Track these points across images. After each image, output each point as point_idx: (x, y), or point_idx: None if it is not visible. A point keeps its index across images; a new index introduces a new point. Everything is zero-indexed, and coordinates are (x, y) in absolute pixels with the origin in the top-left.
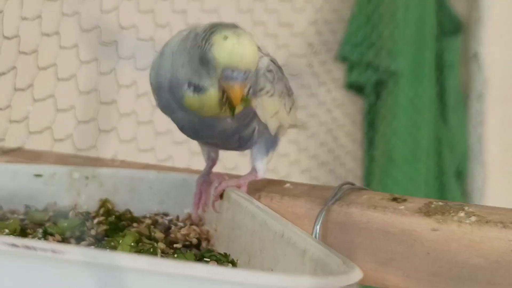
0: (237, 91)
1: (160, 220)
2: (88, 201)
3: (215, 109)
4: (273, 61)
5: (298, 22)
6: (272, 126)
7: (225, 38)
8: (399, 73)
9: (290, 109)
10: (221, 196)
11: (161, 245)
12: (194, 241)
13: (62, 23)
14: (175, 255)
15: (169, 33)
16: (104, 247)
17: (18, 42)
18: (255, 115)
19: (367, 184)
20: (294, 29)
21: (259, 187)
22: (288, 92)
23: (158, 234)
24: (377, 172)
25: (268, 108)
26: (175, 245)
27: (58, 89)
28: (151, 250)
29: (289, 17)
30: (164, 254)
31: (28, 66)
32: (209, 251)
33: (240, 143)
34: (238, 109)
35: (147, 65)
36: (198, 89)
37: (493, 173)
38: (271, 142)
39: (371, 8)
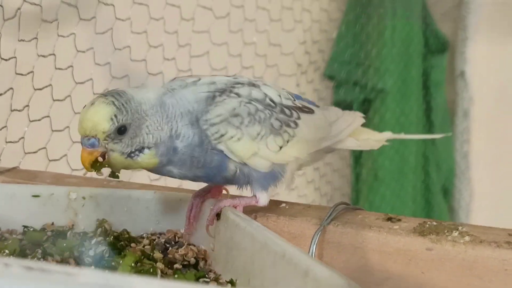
0: (82, 156)
1: (157, 240)
2: (86, 221)
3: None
4: (253, 101)
5: (288, 42)
6: (258, 165)
7: (83, 108)
8: (386, 91)
9: (281, 146)
10: (218, 216)
11: (160, 265)
12: (192, 260)
13: (58, 45)
14: (175, 276)
15: (161, 52)
16: (104, 267)
17: (15, 63)
18: (225, 158)
19: (354, 202)
20: (283, 49)
21: (256, 208)
22: (278, 130)
23: (157, 255)
24: (364, 190)
25: (237, 152)
26: (175, 266)
27: (53, 110)
28: (151, 270)
29: (278, 37)
30: (164, 274)
31: (25, 86)
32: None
33: (227, 180)
34: (99, 171)
35: None
36: None
37: (479, 190)
38: (269, 177)
39: (359, 27)
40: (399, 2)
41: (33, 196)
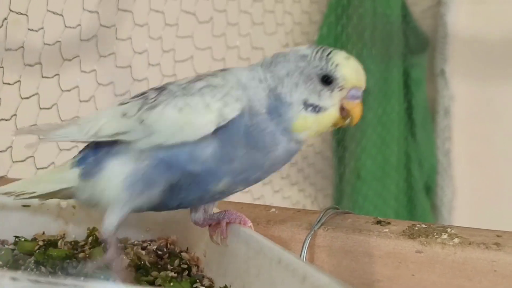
0: (361, 109)
1: (148, 247)
2: (76, 230)
3: (327, 128)
4: None
5: (270, 46)
6: None
7: (348, 58)
8: (367, 91)
9: None
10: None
11: (155, 273)
12: (184, 266)
13: (44, 53)
14: (171, 284)
15: (146, 58)
16: (100, 277)
17: (2, 73)
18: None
19: (338, 203)
20: (266, 52)
21: (245, 213)
22: None
23: (150, 260)
24: (347, 190)
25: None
26: (168, 274)
27: (40, 118)
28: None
29: (261, 41)
30: (159, 283)
31: (12, 96)
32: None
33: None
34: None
35: None
36: (317, 108)
37: (461, 187)
38: None
39: (340, 28)
40: (379, 2)
41: (23, 206)
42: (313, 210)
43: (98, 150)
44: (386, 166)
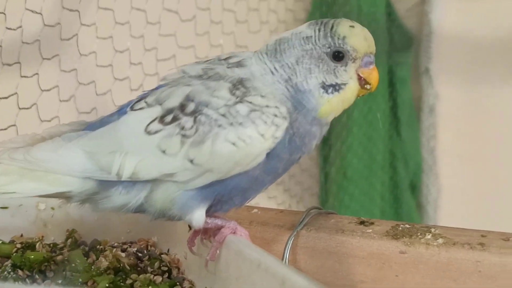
0: (377, 74)
1: (129, 249)
2: (55, 232)
3: (351, 102)
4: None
5: (254, 44)
6: None
7: (352, 26)
8: None
9: None
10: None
11: (134, 276)
12: (165, 269)
13: (23, 52)
14: (150, 287)
15: (128, 57)
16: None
17: None
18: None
19: (323, 202)
20: (250, 50)
21: (228, 214)
22: None
23: (130, 262)
24: (333, 189)
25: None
26: (148, 276)
27: (19, 118)
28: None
29: (245, 39)
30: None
31: None
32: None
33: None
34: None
35: None
36: (337, 87)
37: (446, 185)
38: None
39: None
40: (364, 0)
41: (1, 207)
42: (296, 210)
43: None
44: (372, 165)
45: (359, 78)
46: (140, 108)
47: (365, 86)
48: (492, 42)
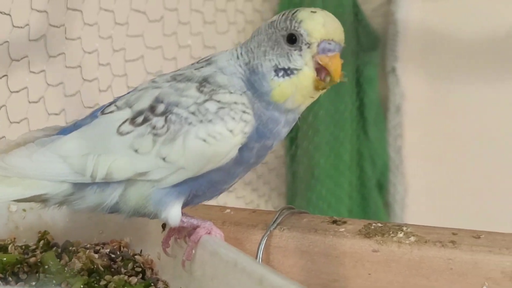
0: (338, 62)
1: (101, 250)
2: (27, 234)
3: (310, 91)
4: None
5: (222, 44)
6: None
7: (313, 12)
8: None
9: None
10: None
11: (108, 277)
12: (138, 269)
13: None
14: None
15: (96, 58)
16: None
17: None
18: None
19: (291, 201)
20: (218, 51)
21: (200, 214)
22: None
23: (103, 264)
24: (300, 188)
25: None
26: (122, 277)
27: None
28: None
29: (213, 39)
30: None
31: None
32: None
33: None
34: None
35: None
36: (288, 72)
37: (413, 184)
38: None
39: None
40: (330, 0)
41: None
42: (268, 210)
43: None
44: (340, 164)
45: (319, 66)
46: (111, 112)
47: (325, 77)
48: (457, 41)
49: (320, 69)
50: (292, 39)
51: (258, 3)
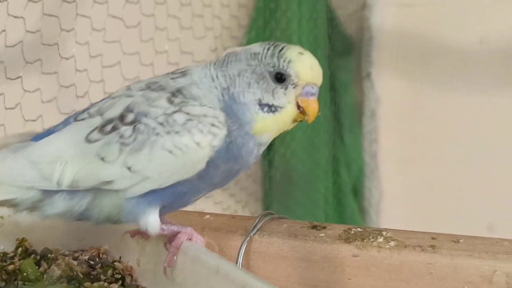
0: (316, 107)
1: (80, 257)
2: (5, 241)
3: (287, 126)
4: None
5: (199, 50)
6: None
7: (301, 54)
8: None
9: None
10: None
11: (88, 284)
12: (118, 276)
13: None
14: None
15: (73, 64)
16: None
17: None
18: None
19: (267, 206)
20: (195, 57)
21: (179, 220)
22: None
23: (82, 270)
24: (277, 193)
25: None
26: (102, 284)
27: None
28: None
29: (190, 45)
30: None
31: None
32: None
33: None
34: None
35: None
36: (272, 108)
37: (388, 189)
38: None
39: (268, 32)
40: (305, 6)
41: None
42: (248, 216)
43: None
44: (316, 170)
45: (298, 105)
46: (82, 119)
47: (304, 113)
48: (431, 46)
49: (299, 107)
50: (280, 78)
51: (234, 9)
